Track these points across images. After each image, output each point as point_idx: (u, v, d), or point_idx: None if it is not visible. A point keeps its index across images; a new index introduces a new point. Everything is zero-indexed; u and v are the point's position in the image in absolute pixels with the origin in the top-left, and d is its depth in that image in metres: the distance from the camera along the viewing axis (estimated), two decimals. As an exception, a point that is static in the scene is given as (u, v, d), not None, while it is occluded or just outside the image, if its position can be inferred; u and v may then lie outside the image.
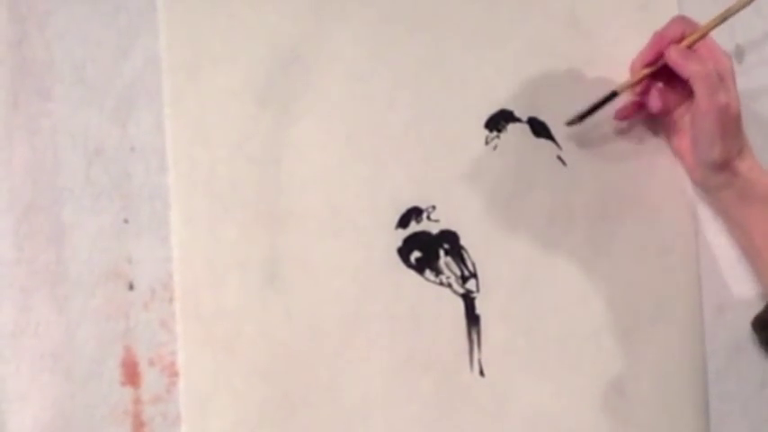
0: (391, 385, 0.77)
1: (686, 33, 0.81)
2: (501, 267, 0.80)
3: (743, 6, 0.80)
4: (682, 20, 0.82)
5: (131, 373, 0.72)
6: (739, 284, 0.86)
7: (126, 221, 0.73)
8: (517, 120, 0.82)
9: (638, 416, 0.82)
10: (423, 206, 0.79)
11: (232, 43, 0.75)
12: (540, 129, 0.82)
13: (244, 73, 0.75)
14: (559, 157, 0.83)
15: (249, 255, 0.74)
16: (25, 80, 0.71)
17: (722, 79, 0.79)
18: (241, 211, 0.74)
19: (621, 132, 0.85)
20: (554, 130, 0.83)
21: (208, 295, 0.73)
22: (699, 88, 0.79)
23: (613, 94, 0.82)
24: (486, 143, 0.81)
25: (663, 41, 0.81)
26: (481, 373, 0.79)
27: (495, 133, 0.81)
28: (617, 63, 0.84)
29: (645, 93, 0.83)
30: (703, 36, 0.80)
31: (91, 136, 0.72)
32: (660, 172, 0.85)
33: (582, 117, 0.82)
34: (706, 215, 0.86)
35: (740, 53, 0.89)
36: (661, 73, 0.82)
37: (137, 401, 0.72)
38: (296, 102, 0.76)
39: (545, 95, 0.83)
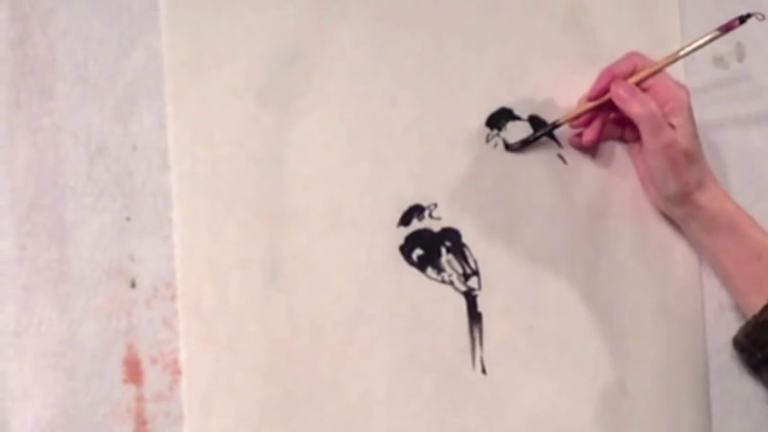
0: (393, 383, 0.77)
1: (638, 69, 0.80)
2: (503, 265, 0.80)
3: (697, 48, 0.79)
4: (634, 56, 0.81)
5: (134, 371, 0.72)
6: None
7: (128, 220, 0.73)
8: (517, 118, 0.82)
9: (640, 414, 0.82)
10: (424, 204, 0.79)
11: (234, 42, 0.75)
12: (540, 127, 0.82)
13: (246, 72, 0.75)
14: (560, 156, 0.83)
15: (251, 253, 0.74)
16: (27, 79, 0.72)
17: (669, 115, 0.79)
18: (243, 209, 0.75)
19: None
20: (555, 130, 0.83)
21: (210, 293, 0.73)
22: (642, 128, 0.79)
23: (555, 125, 0.82)
24: (487, 141, 0.81)
25: (611, 76, 0.80)
26: (483, 370, 0.79)
27: (495, 131, 0.81)
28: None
29: (587, 123, 0.82)
30: (653, 74, 0.80)
31: (93, 134, 0.72)
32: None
33: (524, 144, 0.81)
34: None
35: (740, 53, 0.89)
36: (613, 109, 0.82)
37: (139, 399, 0.72)
38: (298, 100, 0.76)
39: (545, 94, 0.83)
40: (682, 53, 0.80)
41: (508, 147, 0.81)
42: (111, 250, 0.72)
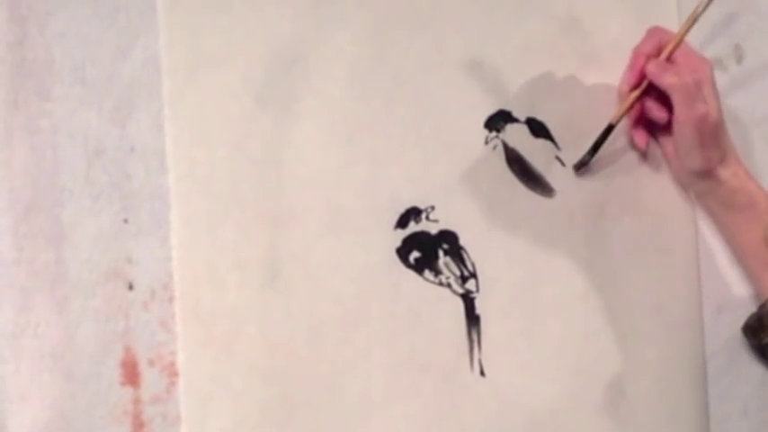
0: (391, 385, 0.77)
1: (663, 44, 0.81)
2: (500, 267, 0.80)
3: (708, 4, 0.80)
4: (656, 31, 0.82)
5: (131, 374, 0.72)
6: (739, 285, 0.86)
7: (126, 221, 0.73)
8: (516, 120, 0.82)
9: (638, 416, 0.82)
10: (422, 206, 0.79)
11: (232, 43, 0.75)
12: (538, 129, 0.82)
13: (243, 73, 0.75)
14: (558, 158, 0.83)
15: (249, 255, 0.74)
16: (25, 80, 0.72)
17: (700, 88, 0.79)
18: (241, 211, 0.75)
19: (620, 132, 0.85)
20: (553, 131, 0.83)
21: (207, 295, 0.73)
22: (676, 99, 0.79)
23: (610, 127, 0.82)
24: (486, 143, 0.81)
25: (641, 58, 0.81)
26: (481, 372, 0.79)
27: (494, 133, 0.81)
28: (617, 63, 0.84)
29: (640, 117, 0.83)
30: (679, 43, 0.80)
31: (91, 136, 0.73)
32: (660, 172, 0.85)
33: (589, 157, 0.82)
34: (706, 215, 0.86)
35: (740, 53, 0.88)
36: (650, 87, 0.82)
37: (136, 401, 0.72)
38: (295, 102, 0.76)
39: (544, 96, 0.83)
40: (700, 9, 0.80)
41: (577, 167, 0.82)
42: (109, 252, 0.72)
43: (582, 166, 0.82)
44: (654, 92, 0.82)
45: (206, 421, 0.73)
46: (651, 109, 0.82)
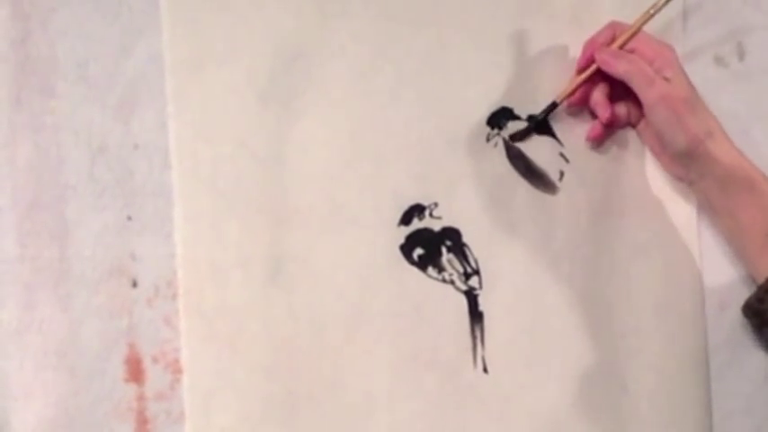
0: (394, 382, 0.77)
1: (618, 35, 0.81)
2: (503, 264, 0.80)
3: (667, 2, 0.80)
4: (614, 23, 0.82)
5: (135, 370, 0.72)
6: (741, 281, 0.86)
7: (129, 219, 0.73)
8: (518, 117, 0.82)
9: (641, 413, 0.82)
10: (425, 203, 0.79)
11: (235, 40, 0.75)
12: (541, 126, 0.82)
13: (247, 70, 0.75)
14: (562, 154, 0.83)
15: (252, 252, 0.74)
16: (29, 78, 0.72)
17: (660, 71, 0.79)
18: (244, 208, 0.75)
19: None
20: (555, 128, 0.83)
21: (211, 292, 0.73)
22: (634, 84, 0.79)
23: (554, 105, 0.82)
24: (488, 140, 0.81)
25: (593, 45, 0.81)
26: (485, 369, 0.79)
27: (496, 130, 0.81)
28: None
29: (585, 100, 0.83)
30: (634, 34, 0.80)
31: (94, 133, 0.72)
32: (662, 169, 0.85)
33: (526, 131, 0.82)
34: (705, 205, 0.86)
35: (740, 52, 0.89)
36: (607, 82, 0.82)
37: (140, 398, 0.72)
38: (299, 99, 0.76)
39: (546, 93, 0.83)
40: (653, 10, 0.81)
41: (511, 137, 0.81)
42: (113, 249, 0.72)
43: (517, 138, 0.82)
44: (615, 88, 0.82)
45: (210, 418, 0.73)
46: (596, 104, 0.82)
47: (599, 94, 0.82)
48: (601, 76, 0.81)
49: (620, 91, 0.82)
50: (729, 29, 0.87)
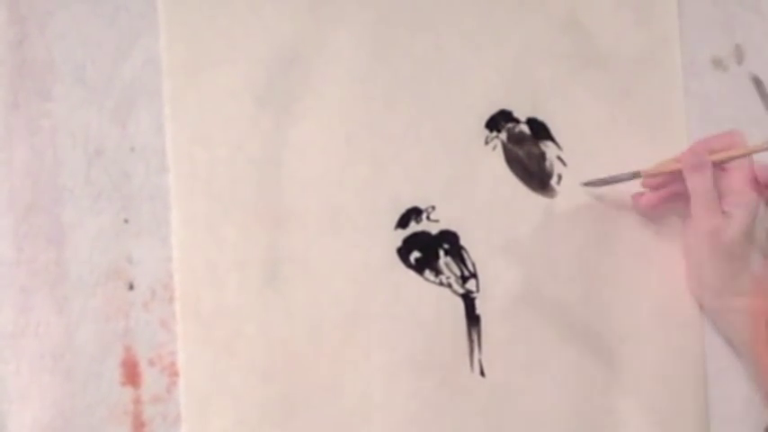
0: (391, 385, 0.77)
1: (731, 146, 0.78)
2: (501, 267, 0.80)
3: None
4: (735, 134, 0.79)
5: (131, 374, 0.72)
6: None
7: (126, 221, 0.73)
8: (516, 120, 0.82)
9: (638, 416, 0.82)
10: (422, 206, 0.79)
11: (232, 44, 0.75)
12: (539, 129, 0.82)
13: (244, 73, 0.75)
14: (560, 158, 0.83)
15: (249, 255, 0.74)
16: (25, 80, 0.71)
17: (729, 204, 0.77)
18: (241, 211, 0.75)
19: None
20: (553, 131, 0.83)
21: (208, 295, 0.73)
22: (693, 204, 0.78)
23: (635, 175, 0.80)
24: (486, 143, 0.81)
25: (699, 146, 0.79)
26: (482, 373, 0.79)
27: (494, 133, 0.81)
28: (617, 63, 0.84)
29: (657, 187, 0.81)
30: (738, 156, 0.78)
31: (91, 136, 0.72)
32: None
33: (601, 183, 0.81)
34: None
35: (739, 55, 0.88)
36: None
37: (137, 401, 0.72)
38: (296, 102, 0.76)
39: (545, 96, 0.83)
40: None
41: (586, 183, 0.81)
42: (109, 252, 0.72)
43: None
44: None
45: (206, 421, 0.73)
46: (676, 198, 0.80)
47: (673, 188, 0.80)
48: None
49: None
50: (728, 32, 0.87)
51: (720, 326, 0.83)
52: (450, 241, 0.79)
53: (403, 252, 0.78)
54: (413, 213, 0.78)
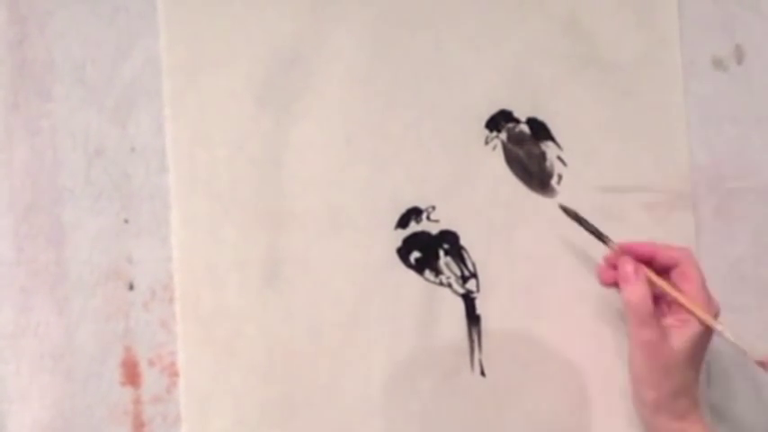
0: (391, 385, 0.77)
1: (657, 258, 0.77)
2: (501, 267, 0.80)
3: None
4: (685, 255, 0.77)
5: (131, 374, 0.72)
6: (740, 285, 0.86)
7: (126, 222, 0.73)
8: (516, 120, 0.82)
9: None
10: (422, 206, 0.79)
11: (232, 44, 0.75)
12: (539, 129, 0.82)
13: (244, 73, 0.75)
14: (560, 158, 0.83)
15: (249, 255, 0.74)
16: (25, 81, 0.72)
17: (674, 325, 0.74)
18: (241, 211, 0.75)
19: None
20: (554, 131, 0.83)
21: (208, 295, 0.73)
22: (629, 317, 0.75)
23: (603, 240, 0.78)
24: (486, 143, 0.81)
25: (654, 250, 0.77)
26: (482, 373, 0.79)
27: (494, 133, 0.81)
28: (617, 63, 0.84)
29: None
30: (679, 302, 0.75)
31: (91, 136, 0.73)
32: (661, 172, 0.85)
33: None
34: (706, 215, 0.86)
35: (739, 55, 0.88)
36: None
37: (137, 401, 0.72)
38: (296, 102, 0.76)
39: (545, 96, 0.83)
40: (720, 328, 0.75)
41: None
42: (109, 252, 0.72)
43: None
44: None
45: (206, 421, 0.73)
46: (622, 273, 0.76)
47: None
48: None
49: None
50: (728, 32, 0.87)
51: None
52: (450, 241, 0.79)
53: (403, 252, 0.78)
54: (413, 213, 0.78)
